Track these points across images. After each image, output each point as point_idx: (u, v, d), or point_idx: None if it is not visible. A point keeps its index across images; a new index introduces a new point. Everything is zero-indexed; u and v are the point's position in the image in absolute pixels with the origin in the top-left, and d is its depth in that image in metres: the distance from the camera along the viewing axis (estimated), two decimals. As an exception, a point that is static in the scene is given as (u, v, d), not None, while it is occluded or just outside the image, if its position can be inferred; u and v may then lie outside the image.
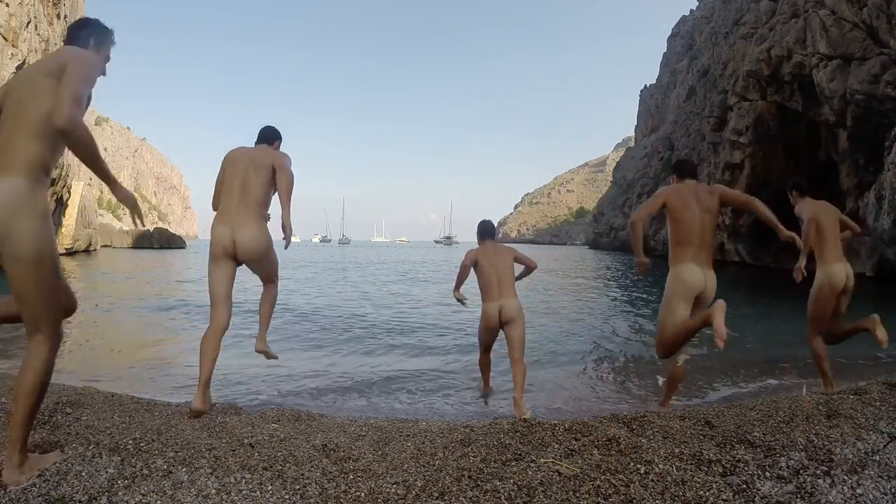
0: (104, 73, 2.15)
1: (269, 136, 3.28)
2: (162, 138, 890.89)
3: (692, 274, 3.02)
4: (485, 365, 4.14)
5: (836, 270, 3.64)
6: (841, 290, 3.69)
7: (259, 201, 2.95)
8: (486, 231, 3.94)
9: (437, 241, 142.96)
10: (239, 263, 3.01)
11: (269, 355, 3.26)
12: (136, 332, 6.60)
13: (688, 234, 3.09)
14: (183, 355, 5.33)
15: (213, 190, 3.11)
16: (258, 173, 2.96)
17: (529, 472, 1.87)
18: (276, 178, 2.98)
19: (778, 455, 2.00)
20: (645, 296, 12.47)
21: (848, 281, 3.66)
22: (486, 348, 4.00)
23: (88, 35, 2.15)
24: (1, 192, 1.77)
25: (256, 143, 3.26)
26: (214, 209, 3.07)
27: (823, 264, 3.69)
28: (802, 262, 3.67)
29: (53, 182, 21.28)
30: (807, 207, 3.78)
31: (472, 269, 3.81)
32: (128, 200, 2.12)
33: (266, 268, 3.11)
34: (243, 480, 1.78)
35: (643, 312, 9.64)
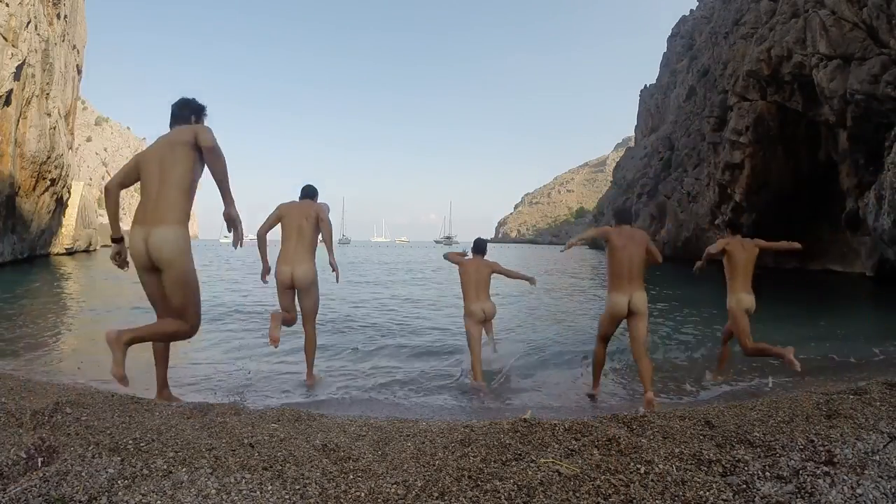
0: None
1: (311, 194, 4.46)
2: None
3: (617, 303, 3.95)
4: (477, 371, 4.46)
5: (744, 298, 4.53)
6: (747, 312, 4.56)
7: (309, 244, 4.16)
8: (478, 247, 4.93)
9: (437, 241, 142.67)
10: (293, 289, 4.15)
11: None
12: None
13: (619, 267, 3.96)
14: (184, 356, 5.32)
15: (264, 222, 4.25)
16: (308, 222, 4.16)
17: (529, 472, 1.87)
18: (321, 228, 4.19)
19: (778, 455, 2.00)
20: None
21: (751, 307, 4.54)
22: (474, 343, 4.54)
23: (190, 114, 2.98)
24: (172, 237, 2.67)
25: (301, 198, 4.42)
26: (258, 234, 4.23)
27: (734, 293, 4.57)
28: (699, 263, 4.77)
29: (53, 182, 21.24)
30: (718, 243, 4.67)
31: (456, 268, 4.81)
32: (233, 221, 2.86)
33: (310, 298, 4.18)
34: (243, 480, 1.78)
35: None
